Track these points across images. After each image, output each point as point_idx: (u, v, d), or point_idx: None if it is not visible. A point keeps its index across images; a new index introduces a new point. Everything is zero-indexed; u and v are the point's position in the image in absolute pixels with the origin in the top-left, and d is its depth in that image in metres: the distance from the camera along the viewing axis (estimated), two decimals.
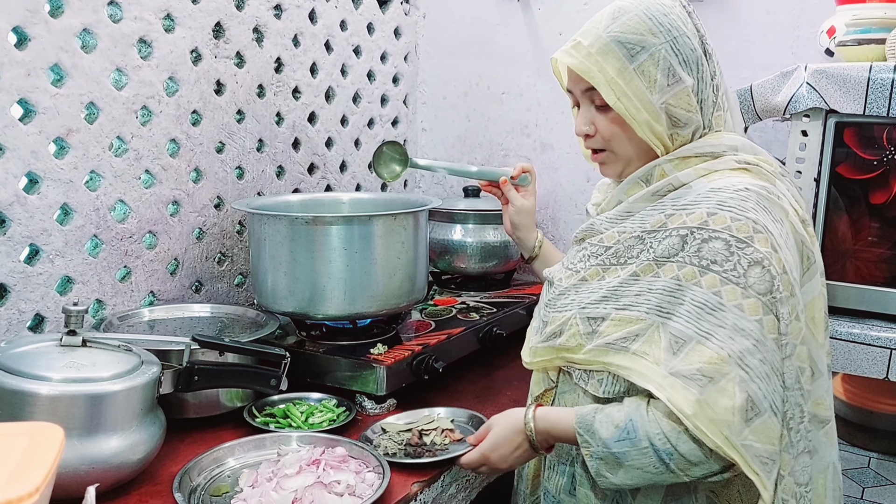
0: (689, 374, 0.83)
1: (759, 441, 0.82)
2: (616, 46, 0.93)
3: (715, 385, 0.82)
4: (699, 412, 0.81)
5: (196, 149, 1.44)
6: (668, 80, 0.93)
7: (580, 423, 0.90)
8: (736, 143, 0.97)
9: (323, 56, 1.72)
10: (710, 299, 0.85)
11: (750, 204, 0.88)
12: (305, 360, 1.27)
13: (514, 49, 1.91)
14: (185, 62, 1.40)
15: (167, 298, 1.42)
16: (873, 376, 1.20)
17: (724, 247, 0.85)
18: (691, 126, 0.96)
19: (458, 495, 1.10)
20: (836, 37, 1.31)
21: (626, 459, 0.86)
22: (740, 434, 0.81)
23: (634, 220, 0.96)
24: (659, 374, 0.85)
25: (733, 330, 0.83)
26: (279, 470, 0.98)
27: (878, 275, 1.23)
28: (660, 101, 0.93)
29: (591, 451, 0.89)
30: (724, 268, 0.85)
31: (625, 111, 0.94)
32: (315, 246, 1.26)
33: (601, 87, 0.94)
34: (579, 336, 0.94)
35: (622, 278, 0.93)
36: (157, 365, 1.00)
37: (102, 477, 0.89)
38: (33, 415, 0.87)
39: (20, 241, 1.17)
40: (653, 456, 0.85)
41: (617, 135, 0.98)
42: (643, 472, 0.86)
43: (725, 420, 0.81)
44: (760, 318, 0.83)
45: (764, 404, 0.82)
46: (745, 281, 0.84)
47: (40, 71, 1.16)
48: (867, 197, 1.23)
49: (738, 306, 0.83)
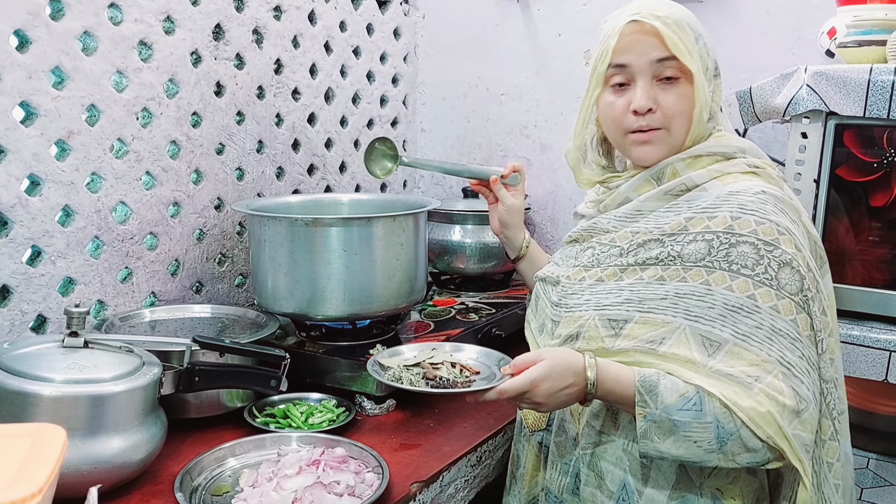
0: (735, 374, 0.85)
1: (805, 430, 0.85)
2: (686, 25, 0.94)
3: (762, 382, 0.84)
4: (754, 405, 0.83)
5: (196, 150, 1.45)
6: (715, 72, 0.97)
7: (643, 382, 0.87)
8: (744, 145, 0.99)
9: (322, 57, 1.72)
10: (745, 303, 0.86)
11: (769, 207, 0.90)
12: (305, 361, 1.28)
13: (513, 50, 1.91)
14: (185, 64, 1.40)
15: (168, 299, 1.42)
16: (873, 378, 1.21)
17: (753, 250, 0.87)
18: (714, 123, 0.98)
19: (457, 495, 1.11)
20: (837, 38, 1.31)
21: (683, 429, 0.85)
22: (791, 424, 0.83)
23: (649, 221, 0.97)
24: (701, 372, 0.86)
25: (770, 331, 0.85)
26: (279, 470, 0.98)
27: (878, 277, 1.23)
28: (709, 89, 0.96)
29: (648, 412, 0.87)
30: (755, 271, 0.87)
31: (701, 85, 0.93)
32: (315, 247, 1.27)
33: (684, 55, 0.92)
34: (600, 339, 0.94)
35: (645, 280, 0.93)
36: (158, 366, 1.01)
37: (105, 477, 0.90)
38: (36, 416, 0.87)
39: (22, 242, 1.17)
40: (713, 432, 0.84)
41: (682, 112, 0.95)
42: (695, 446, 0.85)
43: (778, 412, 0.83)
44: (794, 317, 0.86)
45: (809, 397, 0.85)
46: (777, 283, 0.86)
47: (41, 73, 1.17)
48: (867, 199, 1.23)
49: (773, 307, 0.86)
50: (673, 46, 0.93)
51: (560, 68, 1.84)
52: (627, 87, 0.97)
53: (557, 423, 1.05)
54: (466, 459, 1.12)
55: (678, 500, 0.93)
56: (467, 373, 1.04)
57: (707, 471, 0.93)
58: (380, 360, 1.09)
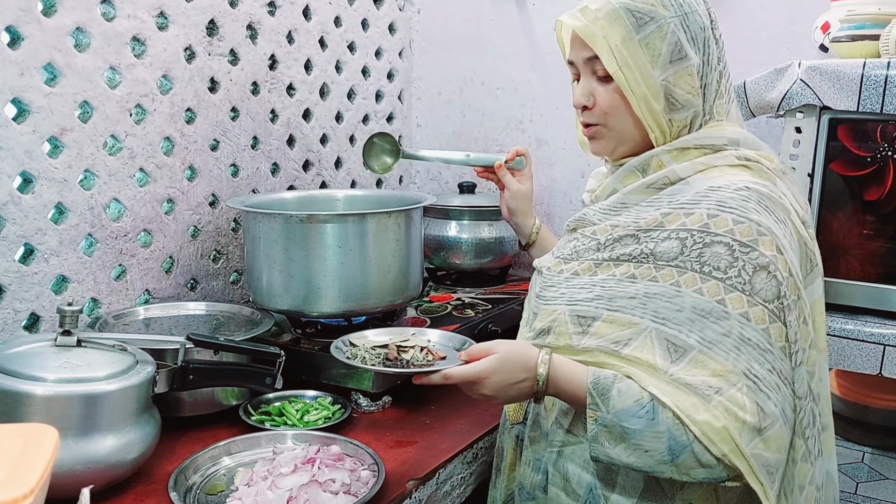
0: (696, 384, 0.80)
1: (768, 450, 0.79)
2: (624, 13, 0.89)
3: (723, 395, 0.79)
4: (709, 420, 0.78)
5: (190, 147, 1.44)
6: (673, 57, 0.89)
7: (595, 384, 0.84)
8: (738, 136, 0.92)
9: (317, 53, 1.72)
10: (713, 308, 0.81)
11: (751, 205, 0.84)
12: (301, 358, 1.28)
13: (508, 44, 1.90)
14: (178, 60, 1.39)
15: (162, 297, 1.42)
16: (867, 372, 1.21)
17: (728, 252, 0.82)
18: (689, 110, 0.92)
19: (454, 492, 1.11)
20: (831, 32, 1.31)
21: (634, 437, 0.82)
22: (750, 443, 0.78)
23: (629, 215, 0.93)
24: (661, 379, 0.82)
25: (739, 340, 0.80)
26: (274, 468, 0.98)
27: (872, 271, 1.24)
28: (661, 77, 0.89)
29: (599, 415, 0.84)
30: (727, 274, 0.82)
31: (624, 82, 0.90)
32: (310, 243, 1.27)
33: (603, 53, 0.90)
34: (567, 336, 0.91)
35: (617, 278, 0.89)
36: (151, 364, 1.01)
37: (98, 477, 0.90)
38: (28, 415, 0.87)
39: (15, 240, 1.17)
40: (665, 443, 0.80)
41: (616, 109, 0.93)
42: (646, 455, 0.81)
43: (736, 428, 0.78)
44: (767, 326, 0.81)
45: (775, 413, 0.79)
46: (750, 288, 0.81)
47: (33, 70, 1.16)
48: (861, 193, 1.23)
49: (743, 315, 0.80)
50: (593, 46, 0.91)
51: (555, 62, 1.83)
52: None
53: (532, 416, 1.02)
54: (462, 456, 1.12)
55: None
56: (431, 357, 1.01)
57: (679, 482, 0.86)
58: (351, 338, 1.07)
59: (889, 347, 1.19)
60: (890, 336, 1.19)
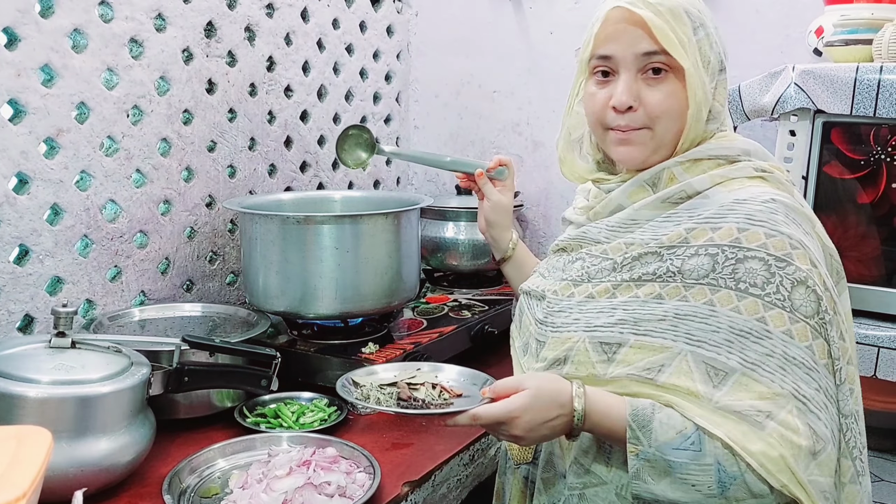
0: (743, 410, 0.75)
1: (822, 475, 0.75)
2: (684, 13, 0.83)
3: (774, 420, 0.75)
4: (765, 449, 0.74)
5: (187, 148, 1.44)
6: (719, 66, 0.86)
7: (635, 415, 0.78)
8: (749, 146, 0.89)
9: (315, 54, 1.72)
10: (753, 326, 0.77)
11: (780, 217, 0.80)
12: (297, 360, 1.28)
13: (505, 48, 1.91)
14: (176, 61, 1.39)
15: (158, 298, 1.42)
16: (862, 374, 1.20)
17: (763, 267, 0.78)
18: (717, 122, 0.88)
19: (450, 495, 1.11)
20: (824, 37, 1.32)
21: (679, 471, 0.76)
22: (807, 469, 0.74)
23: (645, 232, 0.87)
24: (705, 408, 0.77)
25: (783, 359, 0.76)
26: (269, 471, 0.98)
27: (866, 273, 1.24)
28: (710, 85, 0.86)
29: (641, 450, 0.78)
30: (765, 291, 0.77)
31: (696, 82, 0.83)
32: (306, 245, 1.27)
33: (676, 48, 0.82)
34: (591, 365, 0.85)
35: (641, 299, 0.83)
36: (146, 366, 1.00)
37: (91, 479, 0.90)
38: (22, 417, 0.87)
39: (10, 241, 1.16)
40: (714, 475, 0.75)
41: (668, 112, 0.85)
42: (693, 489, 0.76)
43: (792, 455, 0.74)
44: (810, 343, 0.77)
45: (827, 435, 0.76)
46: (790, 304, 0.77)
47: (31, 71, 1.16)
48: (855, 196, 1.24)
49: (786, 332, 0.76)
50: (663, 39, 0.82)
51: (552, 66, 1.84)
52: (612, 78, 0.88)
53: (545, 456, 0.95)
54: (459, 458, 1.12)
55: None
56: (447, 395, 0.95)
57: None
58: (354, 377, 1.01)
59: (883, 349, 1.19)
60: (884, 338, 1.19)
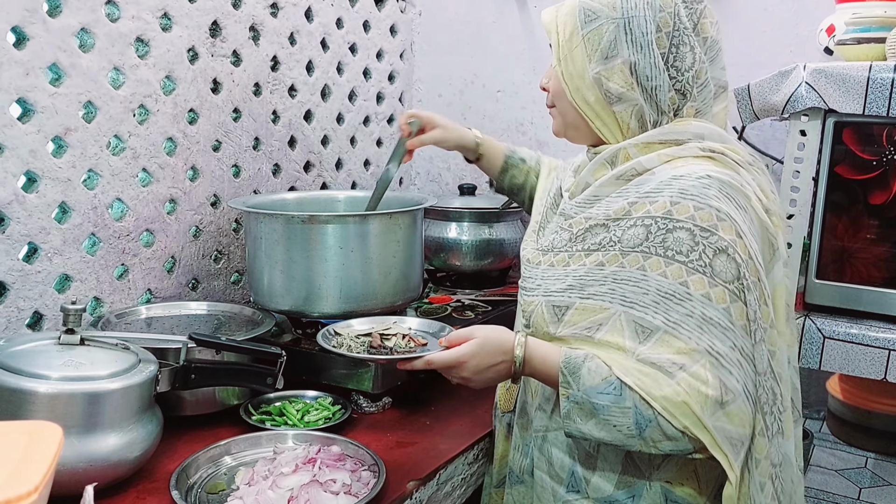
0: (659, 362, 0.85)
1: (731, 423, 0.83)
2: (578, 11, 0.97)
3: (686, 371, 0.83)
4: (669, 395, 0.83)
5: (193, 147, 1.45)
6: (608, 53, 0.95)
7: (566, 363, 0.90)
8: (703, 130, 0.96)
9: (319, 54, 1.72)
10: (677, 290, 0.85)
11: (712, 192, 0.88)
12: (301, 359, 1.28)
13: (509, 47, 1.91)
14: (181, 61, 1.40)
15: (164, 296, 1.42)
16: (871, 377, 1.20)
17: (689, 237, 0.86)
18: (628, 103, 0.96)
19: (454, 493, 1.11)
20: (836, 35, 1.31)
21: (603, 412, 0.86)
22: (713, 416, 0.82)
23: (601, 207, 0.97)
24: (628, 360, 0.87)
25: (701, 320, 0.84)
26: (275, 468, 0.98)
27: (877, 275, 1.23)
28: (594, 71, 0.95)
29: (570, 393, 0.88)
30: (689, 258, 0.86)
31: (560, 72, 0.98)
32: (311, 244, 1.27)
33: (554, 46, 0.99)
34: (545, 325, 0.96)
35: (587, 267, 0.94)
36: (154, 363, 1.01)
37: (100, 475, 0.90)
38: (32, 413, 0.87)
39: (19, 239, 1.17)
40: (632, 417, 0.85)
41: (559, 95, 1.01)
42: (615, 430, 0.86)
43: (698, 402, 0.82)
44: (728, 305, 0.85)
45: (737, 388, 0.84)
46: (711, 270, 0.85)
47: (38, 70, 1.16)
48: (866, 197, 1.23)
49: (705, 295, 0.84)
50: (549, 36, 0.99)
51: None
52: None
53: (519, 405, 1.06)
54: (463, 457, 1.12)
55: (625, 489, 0.94)
56: (413, 344, 1.05)
57: (656, 462, 0.93)
58: (335, 328, 1.11)
59: (894, 352, 1.18)
60: (895, 341, 1.18)
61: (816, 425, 1.57)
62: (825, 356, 1.23)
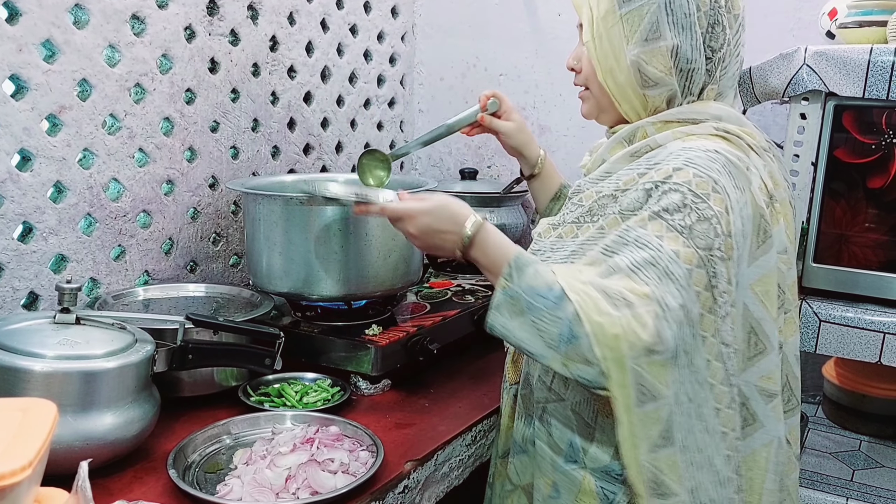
0: (610, 293, 0.83)
1: (650, 374, 0.82)
2: None
3: (631, 310, 0.82)
4: (604, 323, 0.81)
5: (190, 128, 1.43)
6: (649, 35, 0.93)
7: (517, 259, 0.89)
8: (721, 112, 0.96)
9: (319, 35, 1.70)
10: (651, 241, 0.86)
11: (716, 165, 0.88)
12: (300, 341, 1.27)
13: (512, 30, 1.89)
14: (178, 39, 1.38)
15: (162, 278, 1.41)
16: (866, 360, 1.21)
17: (680, 198, 0.86)
18: (663, 88, 0.95)
19: (451, 474, 1.11)
20: (838, 19, 1.30)
21: (533, 314, 0.85)
22: (637, 359, 0.81)
23: (611, 181, 0.97)
24: (582, 282, 0.85)
25: (664, 272, 0.84)
26: (273, 448, 0.98)
27: (874, 259, 1.23)
28: (632, 53, 0.94)
29: (508, 286, 0.88)
30: (673, 217, 0.86)
31: (593, 52, 0.97)
32: (310, 226, 1.26)
33: (585, 23, 0.97)
34: None
35: (590, 234, 0.95)
36: (151, 343, 1.00)
37: (97, 453, 0.90)
38: (27, 391, 0.87)
39: (13, 218, 1.16)
40: (559, 328, 0.83)
41: (590, 75, 1.00)
42: (538, 335, 0.85)
43: (628, 341, 0.81)
44: (692, 268, 0.84)
45: (671, 346, 0.82)
46: (689, 232, 0.85)
47: (32, 46, 1.15)
48: (864, 181, 1.22)
49: (675, 252, 0.84)
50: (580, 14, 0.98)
51: (560, 48, 1.82)
52: None
53: (524, 376, 1.07)
54: (461, 439, 1.12)
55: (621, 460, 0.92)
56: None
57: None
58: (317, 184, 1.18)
59: (889, 335, 1.18)
60: (890, 324, 1.18)
61: (812, 409, 1.58)
62: (821, 339, 1.23)
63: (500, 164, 1.99)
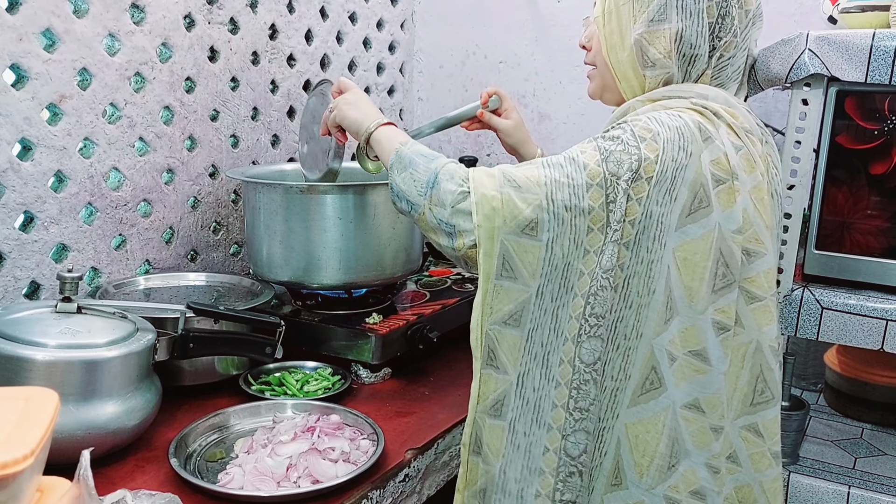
0: (508, 175, 0.90)
1: (516, 253, 0.88)
2: None
3: (518, 192, 0.88)
4: (490, 194, 0.88)
5: (190, 116, 1.43)
6: (655, 17, 0.95)
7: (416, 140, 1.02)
8: (708, 92, 0.96)
9: (318, 23, 1.69)
10: (572, 151, 0.91)
11: (673, 124, 0.89)
12: (301, 329, 1.28)
13: (512, 17, 1.88)
14: (178, 28, 1.38)
15: (162, 267, 1.41)
16: (869, 347, 1.20)
17: (619, 133, 0.90)
18: (660, 70, 0.96)
19: (452, 462, 1.11)
20: (840, 4, 1.29)
21: (412, 167, 0.96)
22: (509, 235, 0.88)
23: None
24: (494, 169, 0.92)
25: (565, 175, 0.88)
26: (274, 436, 0.98)
27: (876, 246, 1.23)
28: (637, 32, 0.95)
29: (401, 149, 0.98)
30: (603, 142, 0.89)
31: (602, 27, 0.99)
32: (310, 215, 1.26)
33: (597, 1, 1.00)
34: None
35: None
36: (152, 332, 1.01)
37: (98, 442, 0.90)
38: (29, 380, 0.87)
39: (14, 207, 1.16)
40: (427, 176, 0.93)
41: (599, 53, 1.02)
42: (413, 182, 0.94)
43: (504, 217, 0.88)
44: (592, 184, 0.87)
45: (543, 235, 0.88)
46: (606, 154, 0.88)
47: (32, 36, 1.15)
48: (867, 168, 1.22)
49: (585, 164, 0.88)
50: None
51: (560, 35, 1.81)
52: None
53: None
54: (461, 427, 1.13)
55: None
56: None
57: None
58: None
59: (892, 322, 1.18)
60: (893, 311, 1.18)
61: (814, 397, 1.57)
62: (823, 327, 1.23)
63: (499, 152, 1.98)
